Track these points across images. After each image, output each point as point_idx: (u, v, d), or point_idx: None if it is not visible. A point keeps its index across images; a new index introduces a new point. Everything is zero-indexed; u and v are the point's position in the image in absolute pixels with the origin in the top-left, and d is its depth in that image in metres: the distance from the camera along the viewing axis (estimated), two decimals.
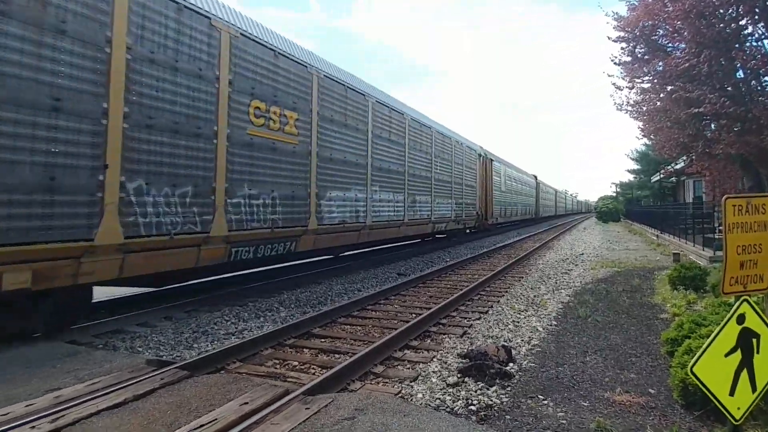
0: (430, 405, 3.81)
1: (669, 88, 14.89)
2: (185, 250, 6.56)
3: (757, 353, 3.01)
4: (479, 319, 6.72)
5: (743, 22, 13.05)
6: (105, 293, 7.33)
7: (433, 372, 4.55)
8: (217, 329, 6.14)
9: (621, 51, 16.45)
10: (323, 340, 5.80)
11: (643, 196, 48.52)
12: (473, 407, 3.77)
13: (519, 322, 6.54)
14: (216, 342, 5.62)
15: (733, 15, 12.92)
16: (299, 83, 8.85)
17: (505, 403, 3.87)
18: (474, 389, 4.11)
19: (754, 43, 13.34)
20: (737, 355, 2.99)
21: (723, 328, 2.99)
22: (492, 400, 3.90)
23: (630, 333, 6.07)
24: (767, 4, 11.97)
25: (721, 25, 12.75)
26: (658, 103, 16.25)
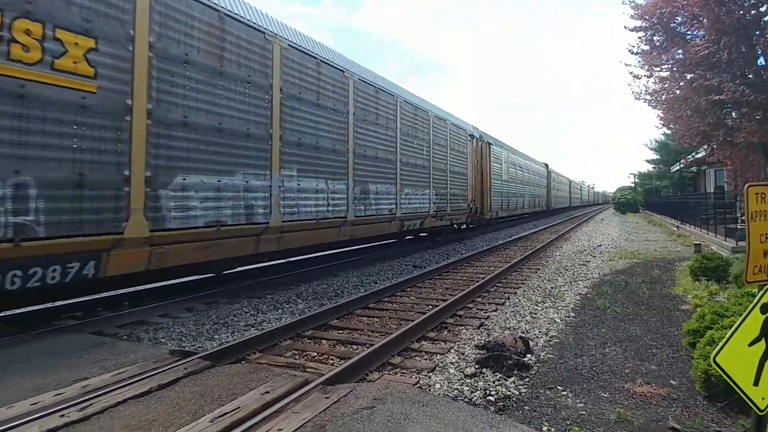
0: (448, 395, 3.82)
1: (689, 76, 14.60)
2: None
3: None
4: (496, 311, 6.71)
5: (764, 8, 12.69)
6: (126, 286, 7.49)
7: (451, 363, 4.57)
8: (237, 321, 6.24)
9: (638, 39, 16.17)
10: (341, 331, 5.86)
11: (663, 186, 47.65)
12: (491, 397, 3.78)
13: (536, 313, 6.52)
14: (236, 333, 5.71)
15: (753, 1, 12.58)
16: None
17: (524, 394, 3.87)
18: (492, 380, 4.12)
19: None
20: (761, 345, 2.93)
21: (747, 317, 2.94)
22: (510, 390, 3.91)
23: (650, 324, 6.00)
24: None
25: (741, 12, 12.42)
26: (677, 92, 15.96)
